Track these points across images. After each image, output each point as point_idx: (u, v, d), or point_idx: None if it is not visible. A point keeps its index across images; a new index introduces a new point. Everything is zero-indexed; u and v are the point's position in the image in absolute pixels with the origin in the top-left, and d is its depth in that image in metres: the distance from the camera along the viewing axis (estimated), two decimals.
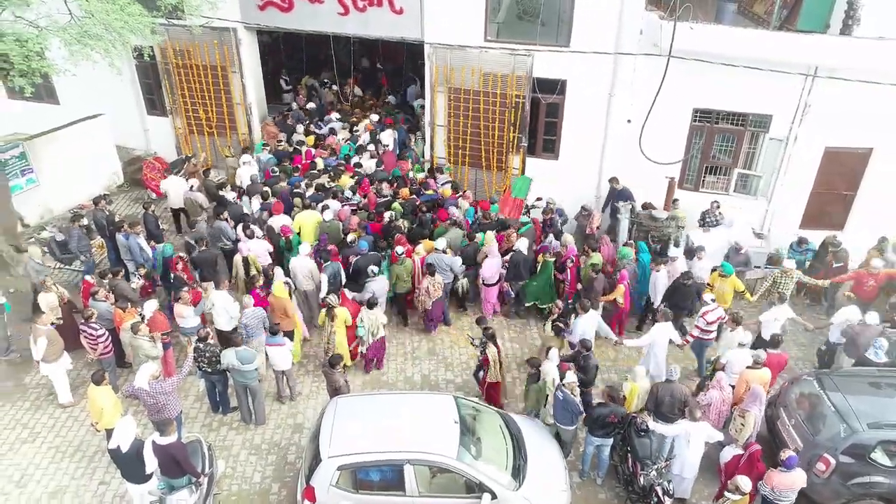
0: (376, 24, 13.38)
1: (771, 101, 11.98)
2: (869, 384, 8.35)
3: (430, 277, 10.39)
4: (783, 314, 9.70)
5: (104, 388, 8.06)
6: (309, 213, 11.69)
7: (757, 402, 8.21)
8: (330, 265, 10.49)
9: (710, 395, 8.31)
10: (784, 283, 10.50)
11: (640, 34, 12.00)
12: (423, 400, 8.20)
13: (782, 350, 9.09)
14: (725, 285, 10.41)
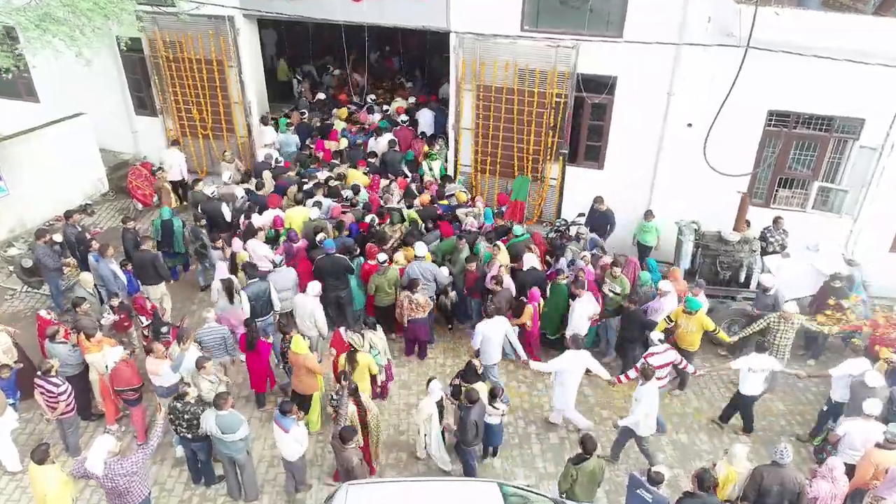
0: (394, 10, 11.54)
1: (863, 103, 10.09)
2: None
3: (408, 292, 8.94)
4: (760, 364, 7.78)
5: (48, 467, 6.27)
6: (299, 209, 10.72)
7: (891, 488, 6.33)
8: (255, 284, 8.87)
9: (817, 488, 6.40)
10: (783, 330, 8.42)
11: (707, 21, 10.12)
12: (460, 491, 6.32)
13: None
14: (691, 324, 8.43)
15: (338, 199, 10.98)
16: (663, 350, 7.91)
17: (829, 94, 10.16)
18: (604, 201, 11.00)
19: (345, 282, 9.35)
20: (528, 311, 8.94)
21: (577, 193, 11.96)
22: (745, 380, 7.95)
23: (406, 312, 8.98)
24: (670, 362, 7.96)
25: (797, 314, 8.51)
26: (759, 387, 7.99)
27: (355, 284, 9.56)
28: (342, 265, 9.29)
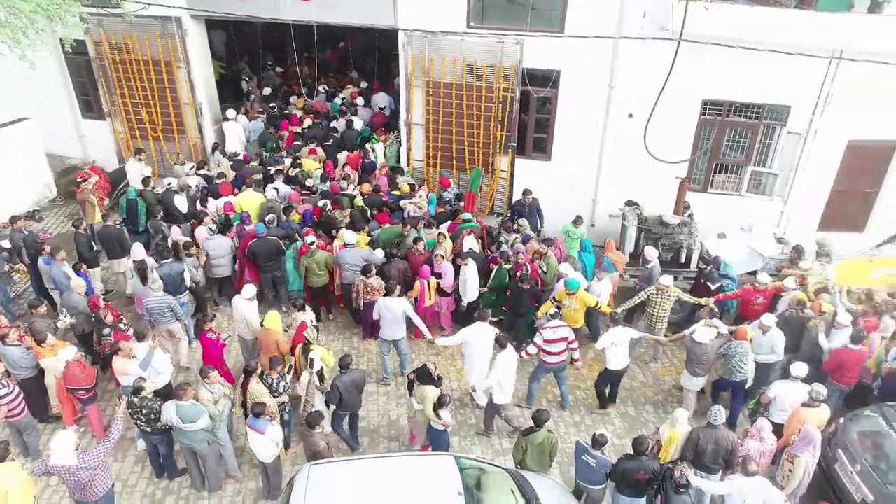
0: (343, 9, 11.73)
1: (789, 91, 10.79)
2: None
3: (363, 276, 9.28)
4: (620, 337, 8.31)
5: (8, 465, 6.29)
6: (251, 193, 11.13)
7: (810, 446, 6.88)
8: (167, 265, 9.21)
9: (747, 447, 6.92)
10: (660, 301, 9.03)
11: (643, 17, 10.64)
12: (417, 465, 6.60)
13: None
14: (574, 302, 8.96)
15: (298, 187, 11.41)
16: (556, 325, 8.28)
17: (757, 84, 10.81)
18: (530, 193, 11.40)
19: (278, 263, 9.81)
20: (416, 286, 9.33)
21: (527, 184, 12.34)
22: (610, 355, 8.34)
23: (362, 296, 9.22)
24: (564, 338, 8.31)
25: (672, 286, 9.08)
26: (623, 360, 8.40)
27: (291, 266, 9.88)
28: (275, 247, 9.75)
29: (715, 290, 9.35)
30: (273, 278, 10.03)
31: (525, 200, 11.55)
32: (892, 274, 8.97)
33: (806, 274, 9.41)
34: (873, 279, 8.92)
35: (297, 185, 11.61)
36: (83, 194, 12.18)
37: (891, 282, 8.95)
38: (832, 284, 8.96)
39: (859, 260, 9.62)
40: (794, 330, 8.47)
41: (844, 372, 7.82)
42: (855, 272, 9.06)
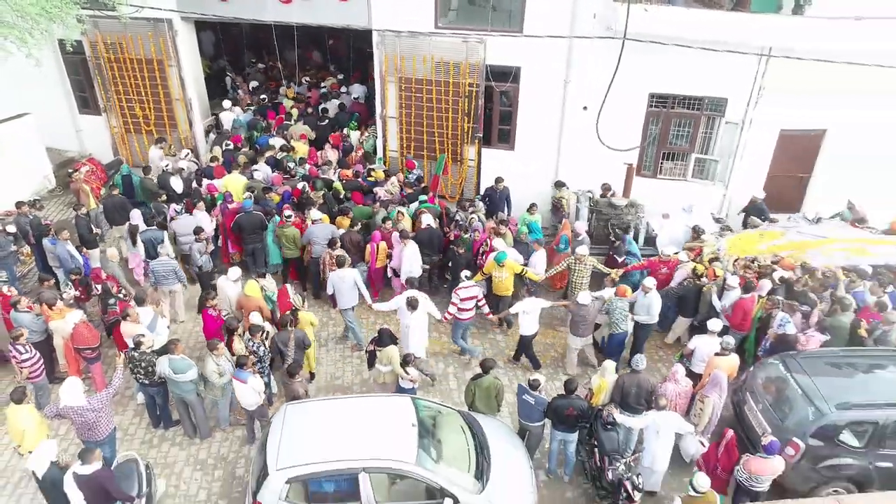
0: (321, 11, 12.76)
1: (726, 84, 11.90)
2: (833, 364, 8.19)
3: (329, 249, 10.37)
4: (531, 306, 9.37)
5: (25, 407, 7.31)
6: (236, 175, 12.27)
7: (717, 388, 8.01)
8: (150, 231, 10.63)
9: (665, 388, 8.02)
10: (578, 270, 10.21)
11: (593, 17, 11.71)
12: (378, 403, 7.67)
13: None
14: (503, 272, 10.02)
15: (280, 170, 12.60)
16: (469, 285, 9.47)
17: (698, 78, 11.89)
18: (502, 181, 12.47)
19: (260, 236, 10.98)
20: (367, 249, 10.53)
21: (493, 172, 13.37)
22: (522, 322, 9.43)
23: (328, 267, 10.24)
24: (474, 296, 9.49)
25: (588, 256, 10.23)
26: (533, 327, 9.48)
27: (271, 241, 11.02)
28: (258, 221, 10.92)
29: (622, 263, 10.61)
30: (254, 250, 11.15)
31: (497, 188, 12.60)
32: (777, 244, 10.13)
33: (702, 246, 10.56)
34: (761, 249, 10.07)
35: (280, 169, 12.70)
36: (76, 183, 13.20)
37: (775, 251, 10.09)
38: (723, 254, 10.12)
39: (751, 234, 10.76)
40: (692, 295, 9.73)
41: (744, 319, 8.96)
42: (745, 244, 10.26)
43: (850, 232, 10.46)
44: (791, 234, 10.37)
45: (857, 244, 9.88)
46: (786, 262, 9.68)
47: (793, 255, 9.84)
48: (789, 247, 9.98)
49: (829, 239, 10.03)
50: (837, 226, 10.81)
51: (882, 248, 9.88)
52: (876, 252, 9.74)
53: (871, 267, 9.55)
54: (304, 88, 17.63)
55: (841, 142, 12.17)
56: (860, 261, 9.60)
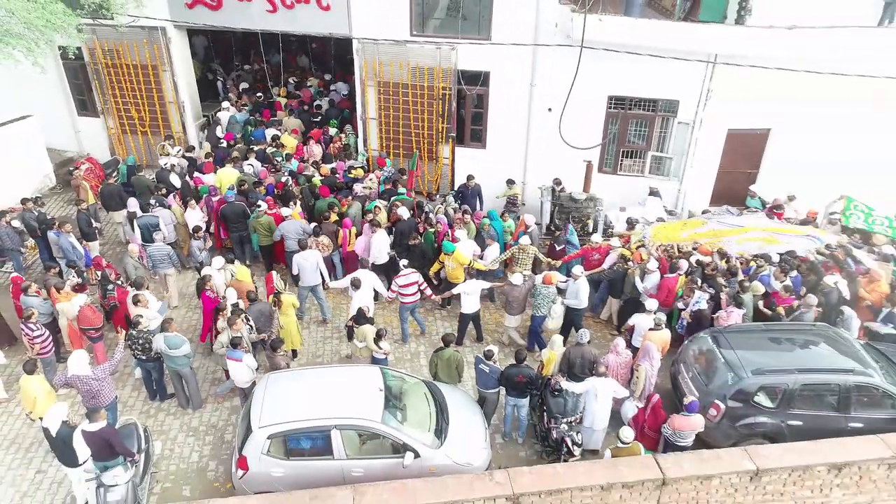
0: (305, 20, 13.74)
1: (677, 88, 12.90)
2: (755, 338, 9.22)
3: (314, 237, 11.32)
4: (472, 287, 10.39)
5: (36, 377, 8.26)
6: (228, 169, 13.31)
7: (647, 357, 9.02)
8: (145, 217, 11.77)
9: (606, 358, 9.03)
10: (522, 258, 11.24)
11: (555, 26, 12.71)
12: (349, 371, 8.67)
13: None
14: (452, 262, 10.98)
15: (267, 164, 13.71)
16: (408, 273, 10.47)
17: (652, 82, 12.90)
18: (473, 178, 13.48)
19: (245, 224, 12.02)
20: (340, 234, 11.58)
21: (467, 169, 14.38)
22: (463, 301, 10.45)
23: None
24: (414, 282, 10.50)
25: (529, 246, 11.26)
26: (474, 305, 10.48)
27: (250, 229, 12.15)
28: (241, 210, 11.98)
29: (561, 251, 11.66)
30: (240, 237, 12.26)
31: (468, 185, 13.60)
32: (698, 233, 11.20)
33: (630, 234, 11.63)
34: (683, 237, 11.12)
35: (267, 164, 13.82)
36: (76, 180, 14.15)
37: (695, 238, 11.13)
38: (648, 242, 11.17)
39: (675, 223, 11.81)
40: (620, 277, 10.80)
41: (668, 296, 10.02)
42: (670, 232, 11.31)
43: (765, 222, 11.55)
44: (712, 223, 11.45)
45: (770, 233, 10.94)
46: (703, 249, 10.77)
47: (710, 242, 10.89)
48: (709, 235, 11.04)
49: (745, 228, 11.09)
50: (755, 216, 11.85)
51: (791, 236, 10.96)
52: (785, 240, 10.81)
53: (778, 254, 10.60)
54: (292, 88, 18.80)
55: (784, 140, 13.22)
56: (771, 248, 10.66)
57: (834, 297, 9.71)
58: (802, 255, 10.64)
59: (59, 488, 8.37)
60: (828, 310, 9.71)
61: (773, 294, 9.92)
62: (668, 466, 7.37)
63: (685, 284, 10.05)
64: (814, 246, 10.76)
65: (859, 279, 10.12)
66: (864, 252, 10.79)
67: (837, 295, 9.73)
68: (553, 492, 7.14)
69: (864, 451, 7.69)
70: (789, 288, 9.83)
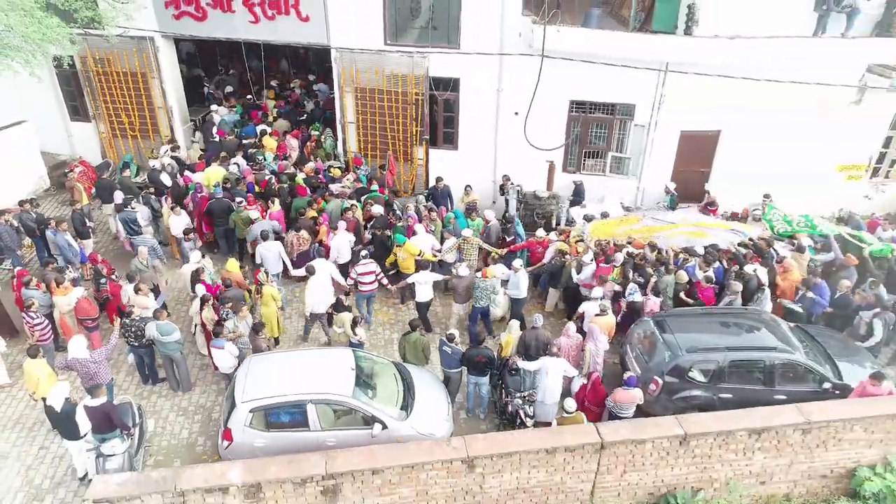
0: (285, 30, 14.61)
1: (633, 93, 13.89)
2: (693, 321, 10.21)
3: (294, 231, 12.26)
4: (424, 278, 11.28)
5: (39, 360, 9.08)
6: (216, 167, 14.33)
7: (592, 339, 9.98)
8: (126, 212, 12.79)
9: (559, 342, 9.97)
10: (467, 248, 12.18)
11: (519, 36, 13.65)
12: (324, 353, 9.58)
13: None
14: (402, 253, 11.92)
15: (251, 163, 14.70)
16: (366, 262, 11.39)
17: (609, 87, 13.88)
18: (442, 180, 14.42)
19: (228, 219, 12.91)
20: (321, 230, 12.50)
21: (440, 170, 15.32)
22: (417, 291, 11.35)
23: (294, 249, 12.09)
24: (372, 272, 11.40)
25: (473, 237, 12.22)
26: (427, 295, 11.39)
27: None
28: (226, 206, 12.86)
29: (510, 242, 12.59)
30: (225, 231, 13.13)
31: (438, 186, 14.54)
32: (633, 229, 12.21)
33: (569, 230, 12.67)
34: (619, 233, 12.13)
35: (251, 163, 14.83)
36: (71, 182, 14.95)
37: (630, 234, 12.12)
38: (587, 237, 12.16)
39: (612, 220, 12.81)
40: (558, 270, 11.80)
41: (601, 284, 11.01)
42: (607, 228, 12.34)
43: (695, 217, 12.63)
44: (647, 220, 12.49)
45: (699, 228, 11.97)
46: (637, 243, 11.78)
47: (643, 237, 11.89)
48: (642, 231, 12.04)
49: (677, 224, 12.13)
50: (686, 213, 12.91)
51: (717, 230, 12.03)
52: (711, 234, 11.86)
53: (703, 247, 11.60)
54: (277, 90, 20.13)
55: (733, 140, 14.24)
56: (697, 241, 11.69)
57: (753, 284, 10.78)
58: (725, 247, 11.65)
59: (60, 462, 9.21)
60: (748, 295, 10.75)
61: (696, 283, 10.91)
62: (606, 432, 8.30)
63: (620, 274, 11.03)
64: (737, 239, 11.83)
65: (776, 267, 11.18)
66: (783, 244, 11.84)
67: (756, 281, 10.80)
68: (504, 455, 8.06)
69: (781, 418, 8.65)
70: (710, 278, 10.84)
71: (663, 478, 8.67)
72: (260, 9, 14.37)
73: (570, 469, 8.31)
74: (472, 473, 8.06)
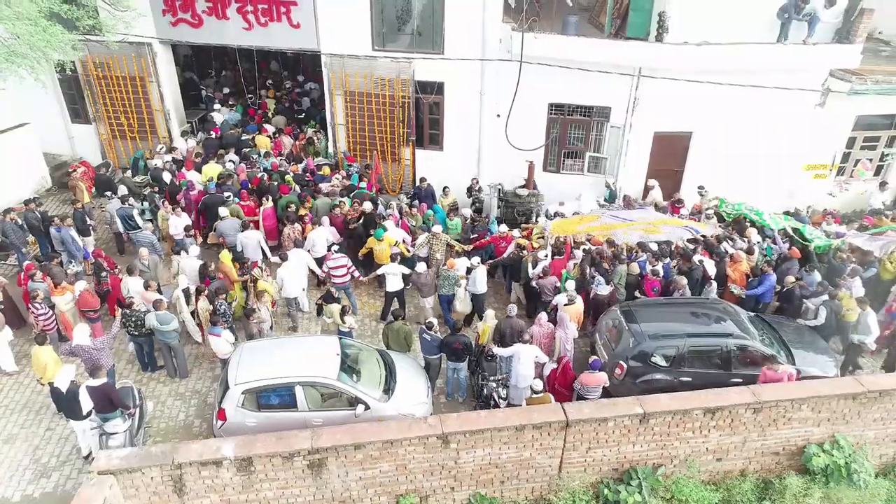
0: (278, 37, 15.30)
1: (609, 96, 14.59)
2: (657, 311, 10.91)
3: (290, 224, 12.95)
4: (393, 269, 11.94)
5: (46, 347, 9.76)
6: (212, 164, 15.28)
7: (562, 326, 10.67)
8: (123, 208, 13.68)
9: (532, 330, 10.67)
10: (435, 244, 12.89)
11: (499, 42, 14.35)
12: (312, 340, 10.28)
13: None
14: (381, 245, 12.47)
15: (246, 161, 15.47)
16: (336, 257, 12.08)
17: (586, 91, 14.57)
18: (425, 180, 15.13)
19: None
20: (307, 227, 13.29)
21: (425, 170, 16.02)
22: (387, 281, 12.06)
23: (287, 244, 12.75)
24: (343, 265, 12.04)
25: (441, 234, 12.94)
26: (397, 285, 12.04)
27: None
28: (219, 200, 13.58)
29: (475, 238, 13.29)
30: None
31: (422, 186, 15.24)
32: (592, 226, 12.90)
33: (531, 227, 13.38)
34: (578, 230, 12.82)
35: (245, 161, 15.61)
36: (73, 181, 15.60)
37: (588, 231, 12.78)
38: (547, 233, 12.84)
39: (573, 219, 13.52)
40: (516, 264, 12.54)
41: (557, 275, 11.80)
42: (567, 225, 13.04)
43: (653, 216, 13.33)
44: (605, 218, 13.19)
45: (654, 225, 12.67)
46: (595, 240, 12.47)
47: (601, 234, 12.60)
48: (601, 228, 12.74)
49: (634, 222, 12.84)
50: (644, 211, 13.63)
51: (672, 227, 12.74)
52: (666, 230, 12.58)
53: (656, 243, 12.30)
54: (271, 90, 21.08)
55: (705, 141, 14.96)
56: (651, 237, 12.40)
57: (698, 273, 11.60)
58: (676, 242, 12.39)
59: (65, 442, 9.89)
60: (692, 284, 11.53)
61: (644, 276, 11.63)
62: (570, 411, 8.98)
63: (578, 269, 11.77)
64: (688, 235, 12.53)
65: (727, 260, 12.00)
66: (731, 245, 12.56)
67: (701, 271, 11.61)
68: (475, 431, 8.73)
69: (734, 398, 9.33)
70: (656, 272, 11.57)
71: (626, 454, 9.34)
72: (253, 16, 15.05)
73: (539, 445, 8.98)
74: (447, 449, 8.74)
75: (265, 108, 19.63)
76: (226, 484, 8.26)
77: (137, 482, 8.04)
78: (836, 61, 13.73)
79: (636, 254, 12.04)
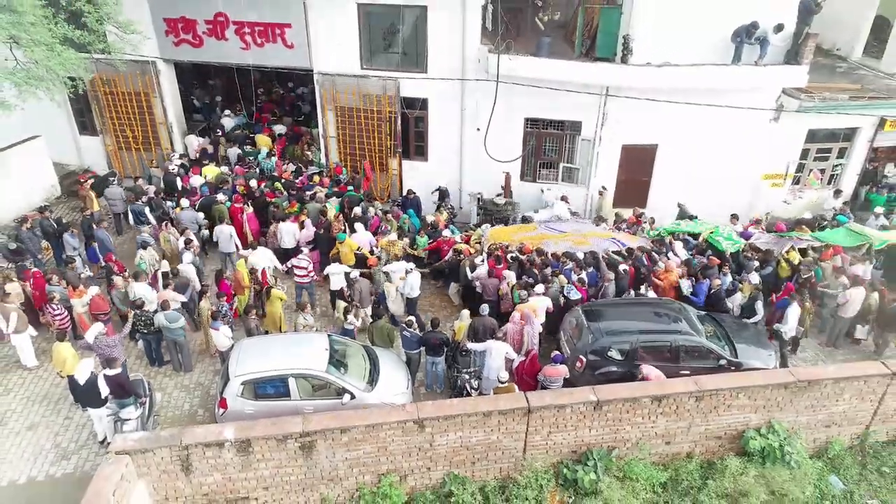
0: (273, 56, 16.45)
1: (580, 111, 15.74)
2: (615, 310, 12.10)
3: (276, 223, 14.34)
4: (336, 269, 13.04)
5: (66, 343, 10.90)
6: (212, 167, 17.02)
7: (528, 322, 11.80)
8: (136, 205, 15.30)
9: (505, 327, 11.82)
10: (391, 250, 13.94)
11: (478, 62, 15.52)
12: (304, 337, 11.43)
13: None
14: (344, 248, 13.70)
15: (243, 164, 16.85)
16: (301, 258, 13.25)
17: (559, 107, 15.72)
18: (413, 192, 16.31)
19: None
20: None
21: (412, 179, 17.18)
22: (331, 280, 13.19)
23: (272, 239, 13.98)
24: (304, 267, 13.19)
25: (398, 241, 14.02)
26: (338, 284, 13.11)
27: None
28: (211, 202, 14.83)
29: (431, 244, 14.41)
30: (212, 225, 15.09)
31: (409, 197, 16.41)
32: (526, 236, 14.02)
33: (471, 234, 14.59)
34: (513, 238, 13.94)
35: (242, 161, 17.00)
36: (84, 191, 16.69)
37: (523, 240, 13.84)
38: (485, 240, 13.99)
39: (511, 227, 14.71)
40: (455, 268, 13.69)
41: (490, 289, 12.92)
42: (504, 234, 14.21)
43: (587, 228, 14.52)
44: (542, 228, 14.36)
45: (583, 237, 13.80)
46: (527, 248, 13.55)
47: (533, 243, 13.69)
48: (536, 238, 13.85)
49: (567, 234, 14.00)
50: (578, 224, 14.83)
51: (598, 239, 13.84)
52: (593, 243, 13.68)
53: (583, 253, 13.36)
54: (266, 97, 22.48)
55: (669, 153, 16.15)
56: (579, 248, 13.50)
57: (624, 283, 12.84)
58: (601, 253, 13.45)
59: (82, 429, 11.02)
60: (618, 291, 12.78)
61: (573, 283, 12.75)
62: (532, 399, 10.10)
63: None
64: (613, 247, 13.67)
65: (657, 269, 13.14)
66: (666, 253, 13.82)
67: (627, 280, 12.87)
68: (448, 417, 9.85)
69: (678, 387, 10.48)
70: (582, 280, 12.71)
71: (583, 438, 10.46)
72: (251, 37, 16.19)
73: (504, 430, 10.12)
74: (423, 433, 9.87)
75: (267, 110, 21.07)
76: (227, 463, 9.38)
77: (150, 461, 9.16)
78: (786, 81, 14.91)
79: (562, 262, 13.16)
